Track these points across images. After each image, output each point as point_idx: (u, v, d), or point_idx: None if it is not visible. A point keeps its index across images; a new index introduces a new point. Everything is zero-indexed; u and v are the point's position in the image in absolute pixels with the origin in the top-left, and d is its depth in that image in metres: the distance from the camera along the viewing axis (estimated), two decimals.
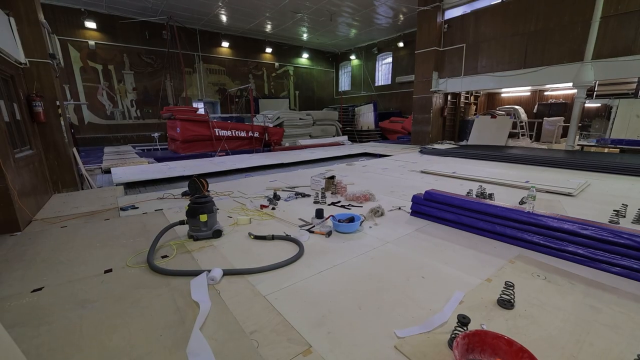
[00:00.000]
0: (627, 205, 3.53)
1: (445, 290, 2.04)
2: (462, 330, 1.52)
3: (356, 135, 14.75)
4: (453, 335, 1.56)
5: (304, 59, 19.37)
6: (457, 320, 1.57)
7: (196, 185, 2.91)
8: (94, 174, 7.05)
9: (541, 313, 1.80)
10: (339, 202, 4.09)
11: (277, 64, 18.23)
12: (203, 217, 2.84)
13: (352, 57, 19.48)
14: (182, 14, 13.07)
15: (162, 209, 3.97)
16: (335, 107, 17.26)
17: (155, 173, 6.44)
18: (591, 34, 8.04)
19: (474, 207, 3.04)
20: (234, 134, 10.57)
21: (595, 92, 9.96)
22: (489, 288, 2.06)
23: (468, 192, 4.11)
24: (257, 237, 2.91)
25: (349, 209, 3.79)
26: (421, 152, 9.64)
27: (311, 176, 4.91)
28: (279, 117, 12.10)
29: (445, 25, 11.40)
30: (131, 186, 5.79)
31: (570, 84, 8.69)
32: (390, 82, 17.68)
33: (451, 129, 12.77)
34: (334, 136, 14.09)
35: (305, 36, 16.86)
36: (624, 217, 3.35)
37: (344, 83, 21.04)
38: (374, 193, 4.28)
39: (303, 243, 2.72)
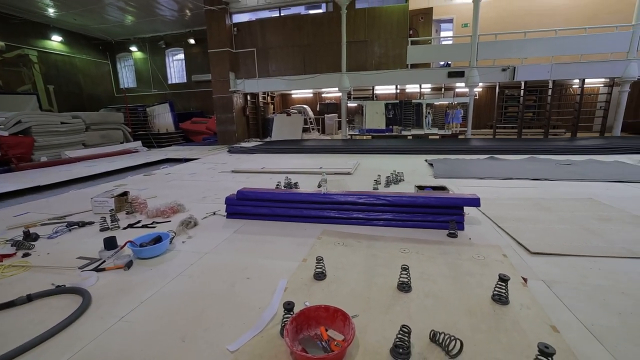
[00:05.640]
0: (380, 175, 4.92)
1: (271, 283, 2.08)
2: (289, 315, 1.59)
3: (153, 139, 12.84)
4: (283, 324, 1.59)
5: (56, 42, 14.50)
6: (283, 309, 1.62)
7: None
8: None
9: (345, 273, 2.17)
10: (138, 222, 3.38)
11: (2, 43, 12.64)
12: None
13: (134, 48, 16.61)
14: None
15: None
16: (118, 107, 14.26)
17: None
18: (343, 52, 10.64)
19: (283, 198, 3.31)
20: None
21: (352, 96, 13.32)
22: (306, 267, 2.27)
23: (277, 185, 4.45)
24: None
25: (154, 227, 3.21)
26: (230, 151, 9.64)
27: (91, 197, 3.79)
28: (20, 122, 8.47)
29: (235, 29, 11.77)
30: None
31: (337, 89, 11.19)
32: (186, 81, 16.47)
33: (255, 127, 13.54)
34: (122, 142, 11.66)
35: (52, 12, 12.62)
36: (380, 184, 4.65)
37: (127, 79, 17.69)
38: (183, 203, 3.84)
39: (88, 289, 2.03)
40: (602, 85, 11.61)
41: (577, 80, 10.54)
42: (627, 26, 9.17)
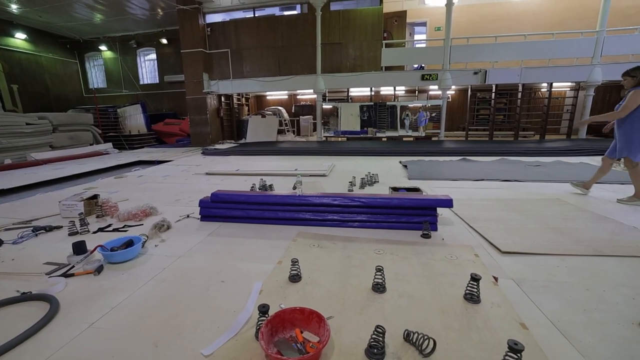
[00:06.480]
0: (355, 177, 4.98)
1: (246, 286, 2.06)
2: (264, 318, 1.59)
3: (124, 141, 12.34)
4: (257, 327, 1.59)
5: (20, 40, 13.66)
6: (258, 312, 1.62)
7: None
8: None
9: (320, 275, 2.20)
10: (109, 226, 3.26)
11: None
12: None
13: (103, 47, 15.87)
14: None
15: None
16: (88, 108, 13.60)
17: None
18: (318, 54, 10.68)
19: (258, 200, 3.29)
20: None
21: (327, 97, 13.41)
22: (281, 269, 2.27)
23: (252, 187, 4.42)
24: None
25: (126, 231, 3.10)
26: (204, 153, 9.45)
27: (59, 201, 3.62)
28: None
29: (208, 29, 11.55)
30: None
31: (312, 91, 11.23)
32: (158, 81, 15.92)
33: (230, 129, 13.33)
34: (91, 144, 11.15)
35: (15, 8, 11.85)
36: (355, 185, 4.70)
37: (97, 79, 16.88)
38: (156, 206, 3.73)
39: (56, 296, 1.94)
40: (569, 89, 12.33)
41: (545, 84, 11.15)
42: (591, 32, 9.76)
